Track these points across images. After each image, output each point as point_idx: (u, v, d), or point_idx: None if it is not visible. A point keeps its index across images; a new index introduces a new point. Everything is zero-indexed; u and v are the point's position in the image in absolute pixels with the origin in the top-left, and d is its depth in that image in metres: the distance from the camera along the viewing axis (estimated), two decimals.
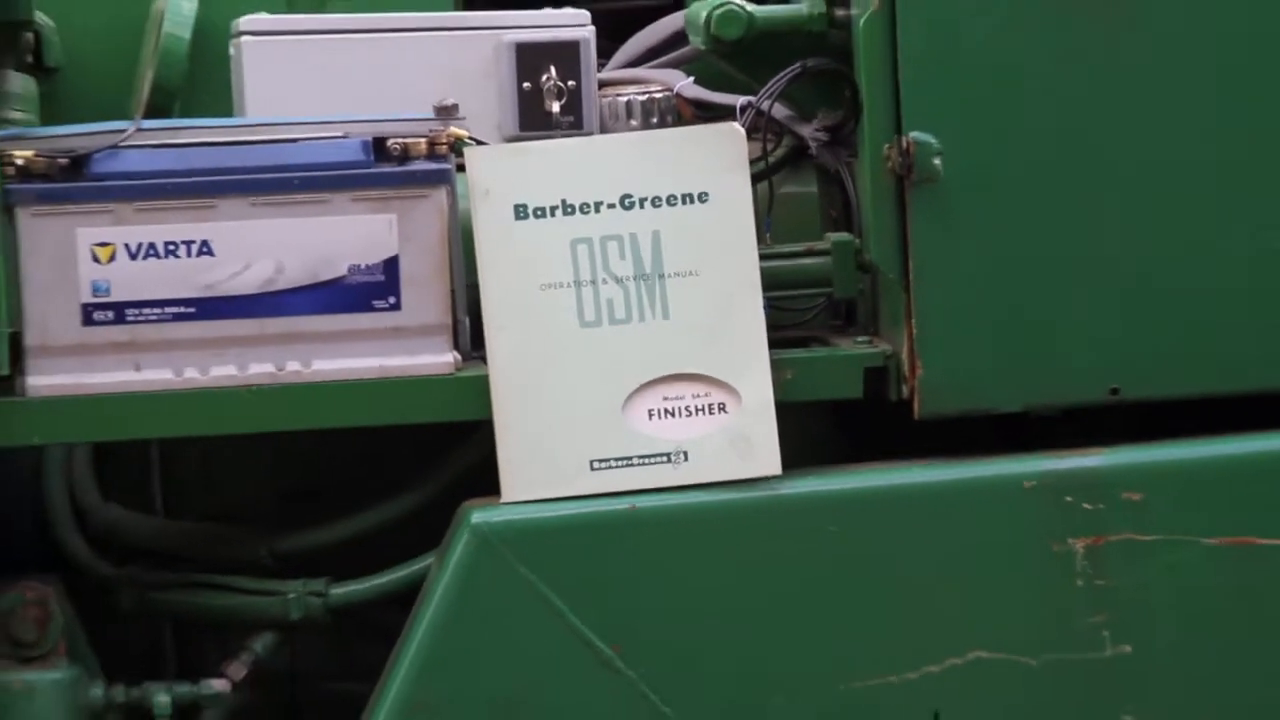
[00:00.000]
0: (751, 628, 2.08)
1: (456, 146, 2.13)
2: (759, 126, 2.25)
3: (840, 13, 2.22)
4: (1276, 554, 2.13)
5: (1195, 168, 2.16)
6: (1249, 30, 2.18)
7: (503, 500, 2.04)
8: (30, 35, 2.40)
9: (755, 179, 2.16)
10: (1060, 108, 2.13)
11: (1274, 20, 2.19)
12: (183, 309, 2.06)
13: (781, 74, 2.22)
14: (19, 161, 2.02)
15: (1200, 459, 2.14)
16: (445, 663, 2.05)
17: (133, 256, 2.04)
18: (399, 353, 2.10)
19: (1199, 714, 2.18)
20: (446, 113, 2.13)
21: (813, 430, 2.25)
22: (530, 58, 2.35)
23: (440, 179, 2.09)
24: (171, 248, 2.05)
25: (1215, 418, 2.19)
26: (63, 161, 2.04)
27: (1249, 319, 2.18)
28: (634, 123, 2.39)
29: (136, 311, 2.05)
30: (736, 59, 2.29)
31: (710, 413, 2.07)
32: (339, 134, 2.11)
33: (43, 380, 2.03)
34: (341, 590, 2.28)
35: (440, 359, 2.11)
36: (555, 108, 2.36)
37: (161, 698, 2.19)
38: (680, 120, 2.37)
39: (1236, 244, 2.16)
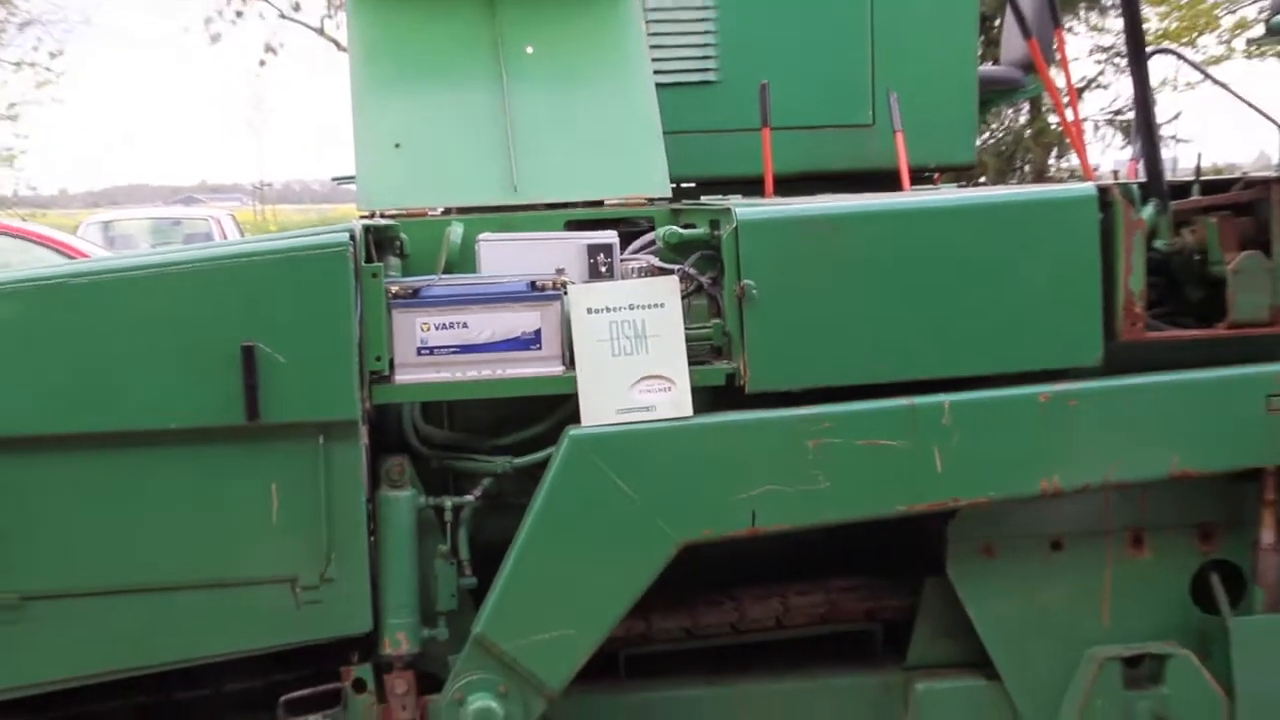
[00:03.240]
0: (684, 479, 3.01)
1: (564, 286, 3.02)
2: (684, 277, 3.16)
3: (716, 233, 3.17)
4: (890, 450, 3.05)
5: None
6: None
7: (583, 425, 2.98)
8: (399, 240, 3.31)
9: (682, 298, 3.07)
10: (805, 267, 3.03)
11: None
12: (456, 350, 3.04)
13: (692, 255, 3.24)
14: (394, 290, 2.98)
15: (860, 409, 3.09)
16: (558, 497, 2.99)
17: (436, 329, 3.03)
18: (540, 366, 3.05)
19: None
20: (560, 272, 3.08)
21: (706, 399, 3.07)
22: (593, 250, 3.26)
23: (558, 298, 3.04)
24: (451, 325, 3.03)
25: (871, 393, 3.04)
26: (410, 290, 3.01)
27: (892, 356, 3.05)
28: (635, 276, 3.21)
29: (439, 351, 3.05)
30: (675, 250, 3.28)
31: (664, 391, 3.04)
32: (517, 279, 3.07)
33: (401, 377, 3.02)
34: (519, 460, 3.19)
35: (557, 369, 3.04)
36: (603, 270, 3.24)
37: (448, 502, 3.18)
38: (653, 275, 3.20)
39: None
